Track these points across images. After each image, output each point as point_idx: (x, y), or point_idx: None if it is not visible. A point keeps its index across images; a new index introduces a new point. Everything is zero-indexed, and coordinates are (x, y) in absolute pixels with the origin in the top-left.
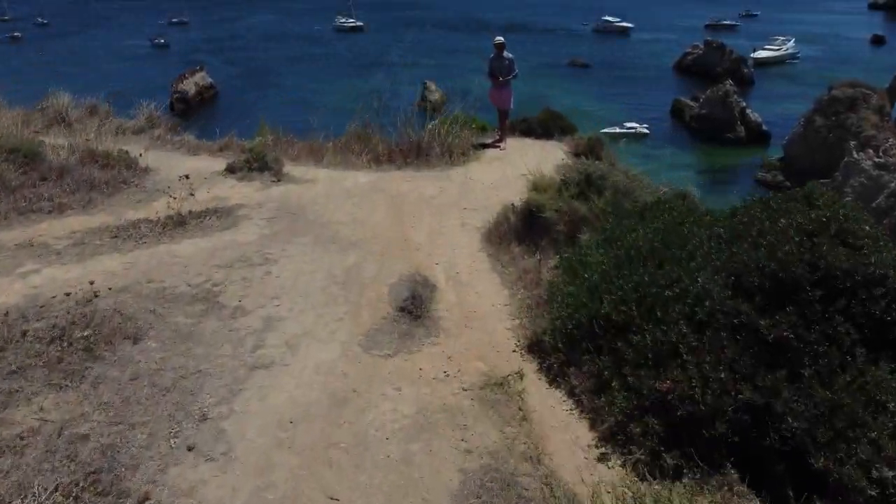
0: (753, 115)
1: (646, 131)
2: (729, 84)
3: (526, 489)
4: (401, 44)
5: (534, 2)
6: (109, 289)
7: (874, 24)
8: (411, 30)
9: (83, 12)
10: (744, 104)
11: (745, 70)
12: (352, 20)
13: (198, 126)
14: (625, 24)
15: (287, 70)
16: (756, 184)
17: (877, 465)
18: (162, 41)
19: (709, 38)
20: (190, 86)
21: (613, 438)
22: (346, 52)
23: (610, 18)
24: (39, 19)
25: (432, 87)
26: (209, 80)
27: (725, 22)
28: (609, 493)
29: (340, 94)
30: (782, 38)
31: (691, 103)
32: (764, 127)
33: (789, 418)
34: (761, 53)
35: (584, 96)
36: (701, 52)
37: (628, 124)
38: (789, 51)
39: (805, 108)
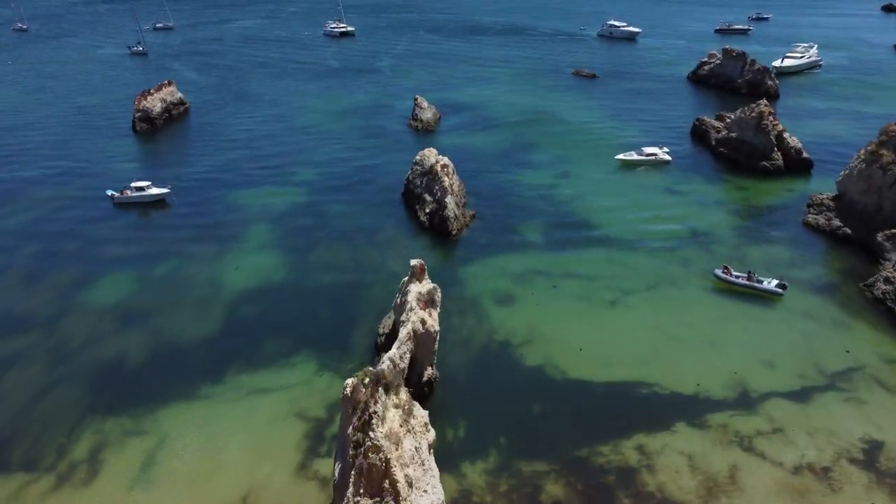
0: (793, 140)
1: (667, 158)
2: (764, 104)
3: None
4: (392, 51)
5: (532, 4)
6: None
7: (892, 28)
8: (404, 35)
9: (66, 17)
10: (781, 127)
11: (770, 83)
12: (342, 25)
13: (158, 159)
14: (632, 28)
15: (269, 80)
16: (805, 228)
17: None
18: (140, 49)
19: (727, 46)
20: (155, 103)
21: None
22: (333, 60)
23: (616, 23)
24: (19, 24)
25: (424, 103)
26: (179, 94)
27: (737, 26)
28: None
29: (323, 111)
30: (805, 44)
31: (716, 123)
32: (805, 153)
33: None
34: (785, 62)
35: (594, 112)
36: (718, 61)
37: (647, 150)
38: (812, 58)
39: (841, 127)
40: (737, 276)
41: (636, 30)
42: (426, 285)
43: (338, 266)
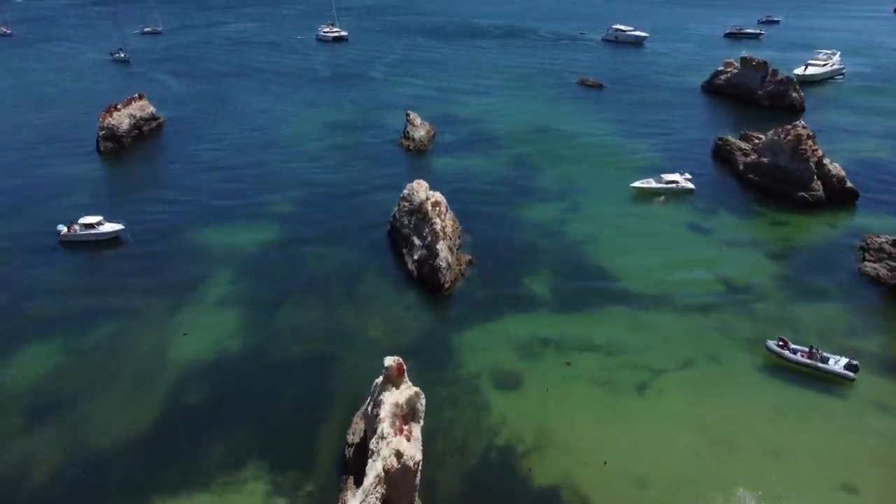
0: (834, 168)
1: (690, 186)
2: (802, 126)
3: None
4: (386, 58)
5: (531, 6)
6: None
7: None
8: (400, 40)
9: (55, 21)
10: (821, 152)
11: (795, 95)
12: (336, 29)
13: (119, 185)
14: (639, 33)
15: (253, 90)
16: (860, 278)
17: None
18: (122, 55)
19: (746, 54)
20: (123, 119)
21: None
22: (323, 68)
23: (622, 27)
24: (3, 29)
25: (416, 120)
26: (151, 109)
27: (748, 30)
28: None
29: (308, 127)
30: (827, 51)
31: (742, 144)
32: (848, 183)
33: None
34: (809, 70)
35: (602, 128)
36: (736, 70)
37: (667, 177)
38: (835, 66)
39: (878, 147)
40: (796, 352)
41: (643, 34)
42: (405, 391)
43: (307, 332)
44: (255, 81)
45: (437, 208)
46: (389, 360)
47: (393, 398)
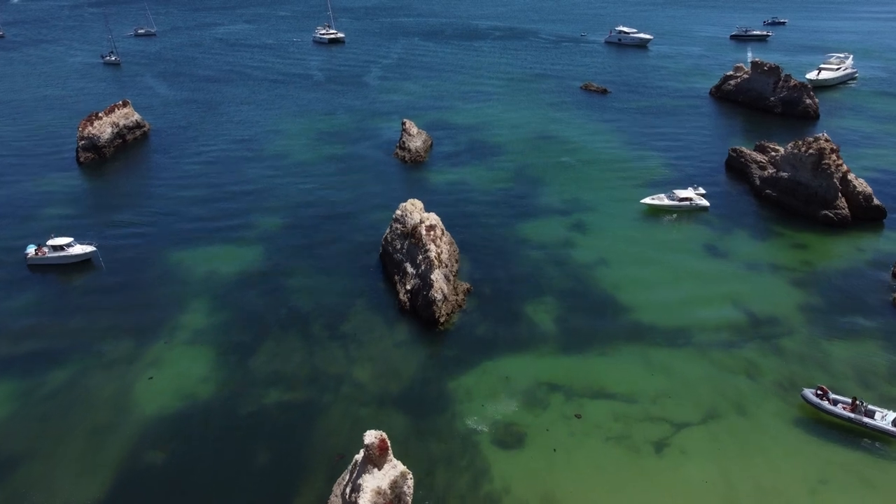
0: (860, 183)
1: (704, 203)
2: (824, 138)
3: None
4: (383, 61)
5: (531, 7)
6: None
7: None
8: (397, 42)
9: (49, 22)
10: (846, 167)
11: (809, 101)
12: (332, 31)
13: (97, 200)
14: (643, 35)
15: (245, 95)
16: (893, 308)
17: None
18: (113, 59)
19: (756, 59)
20: (104, 128)
21: None
22: (317, 72)
23: (625, 29)
24: None
25: (412, 129)
26: (136, 116)
27: (754, 32)
28: None
29: (298, 136)
30: (839, 54)
31: (757, 156)
32: (875, 200)
33: None
34: (822, 75)
35: (608, 137)
36: (746, 76)
37: (680, 193)
38: (848, 70)
39: None
40: (837, 404)
41: (647, 36)
42: (389, 473)
43: (286, 375)
44: (246, 86)
45: (432, 232)
46: (371, 437)
47: (374, 483)
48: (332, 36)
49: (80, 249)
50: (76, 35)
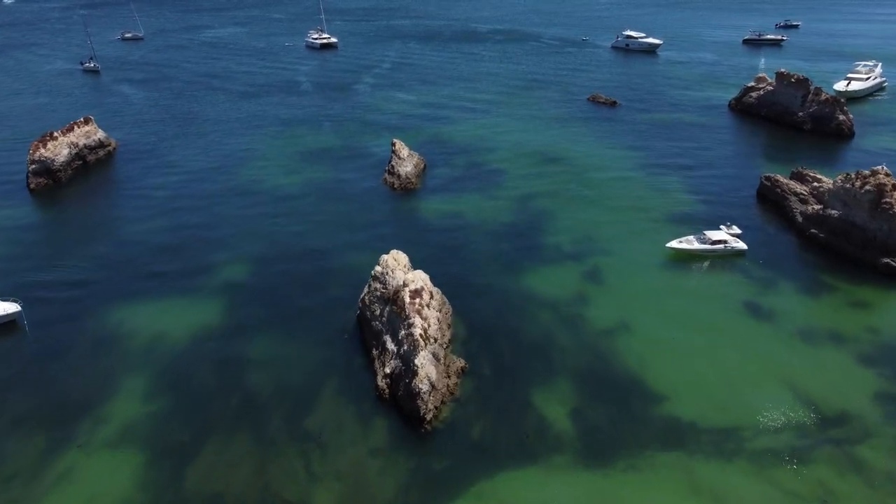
0: None
1: (741, 247)
2: (884, 172)
3: None
4: (376, 68)
5: (532, 9)
6: None
7: None
8: (392, 47)
9: (36, 25)
10: None
11: (842, 117)
12: (325, 36)
13: (41, 238)
14: (652, 40)
15: (224, 108)
16: None
17: None
18: (92, 65)
19: (782, 70)
20: (60, 150)
21: None
22: (306, 80)
23: (633, 33)
24: None
25: (403, 151)
26: (100, 135)
27: (768, 36)
28: None
29: (277, 157)
30: (867, 63)
31: (797, 187)
32: None
33: None
34: (852, 86)
35: (622, 159)
36: (770, 87)
37: (712, 235)
38: (878, 79)
39: None
40: None
41: (657, 41)
42: None
43: (227, 498)
44: (229, 96)
45: (418, 300)
46: None
47: None
48: (325, 41)
49: (1, 309)
50: (61, 39)
